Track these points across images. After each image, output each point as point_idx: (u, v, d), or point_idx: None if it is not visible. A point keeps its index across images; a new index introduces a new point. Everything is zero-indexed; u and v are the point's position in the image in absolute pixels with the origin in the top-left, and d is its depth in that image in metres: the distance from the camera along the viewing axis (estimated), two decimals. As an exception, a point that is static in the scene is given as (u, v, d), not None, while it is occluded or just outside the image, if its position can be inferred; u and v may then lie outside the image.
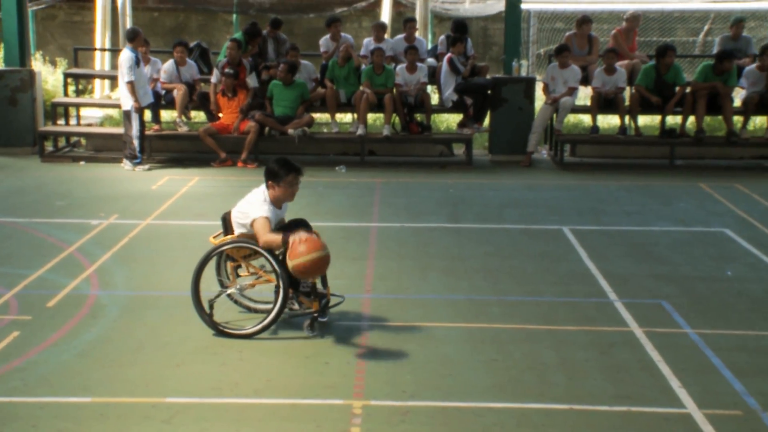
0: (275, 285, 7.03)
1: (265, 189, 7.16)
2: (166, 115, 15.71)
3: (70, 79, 16.64)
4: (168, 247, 9.68)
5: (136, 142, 13.64)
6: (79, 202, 11.68)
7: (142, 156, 13.78)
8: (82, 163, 14.38)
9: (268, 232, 6.93)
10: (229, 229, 7.28)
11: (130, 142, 13.66)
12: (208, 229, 10.26)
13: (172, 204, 11.58)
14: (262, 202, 7.06)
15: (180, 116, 14.55)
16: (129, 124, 13.60)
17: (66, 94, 16.47)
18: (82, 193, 12.21)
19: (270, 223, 6.97)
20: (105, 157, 14.55)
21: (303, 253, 6.74)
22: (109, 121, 17.24)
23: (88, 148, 15.41)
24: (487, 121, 15.20)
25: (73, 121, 16.15)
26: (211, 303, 7.11)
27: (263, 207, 7.02)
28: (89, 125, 16.69)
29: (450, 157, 15.08)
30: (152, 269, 8.88)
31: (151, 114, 14.63)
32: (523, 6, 16.86)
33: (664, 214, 11.28)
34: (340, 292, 7.55)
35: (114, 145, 14.72)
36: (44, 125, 15.45)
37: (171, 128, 14.94)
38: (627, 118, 14.66)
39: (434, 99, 15.73)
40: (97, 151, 15.11)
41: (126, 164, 13.78)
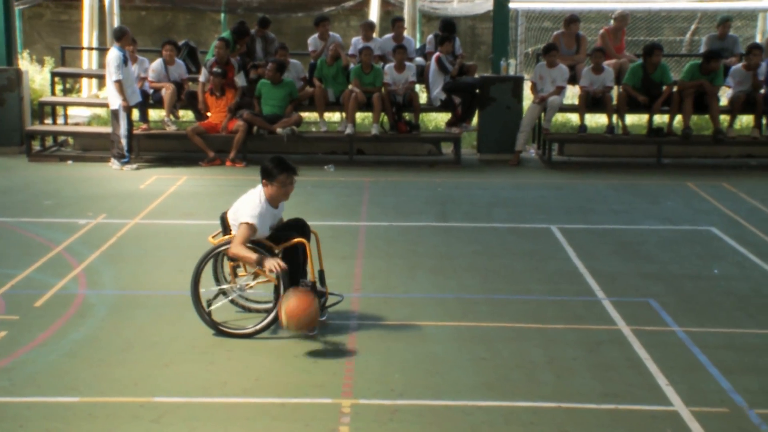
0: (274, 285, 7.02)
1: (260, 188, 7.13)
2: (154, 114, 15.68)
3: (57, 78, 16.57)
4: (156, 246, 9.65)
5: (124, 142, 13.60)
6: (67, 201, 11.64)
7: (130, 155, 13.74)
8: (70, 163, 14.33)
9: (244, 242, 6.84)
10: (227, 229, 7.21)
11: (118, 142, 13.61)
12: (197, 229, 10.28)
13: (161, 203, 11.55)
14: (257, 203, 6.98)
15: (168, 115, 14.52)
16: (117, 123, 13.55)
17: (53, 93, 16.41)
18: (70, 192, 12.17)
19: (254, 231, 6.88)
20: (93, 157, 14.51)
21: (300, 308, 6.61)
22: (97, 120, 17.20)
23: (75, 147, 15.36)
24: (475, 120, 15.22)
25: (61, 121, 16.10)
26: (209, 303, 7.10)
27: (255, 210, 6.93)
28: (77, 124, 16.66)
29: (438, 156, 15.09)
30: (140, 269, 8.85)
31: (139, 113, 14.58)
32: (511, 5, 16.88)
33: (652, 213, 11.31)
34: (337, 291, 7.56)
35: (102, 144, 14.68)
36: (31, 124, 15.39)
37: (159, 127, 14.91)
38: (614, 117, 14.70)
39: (422, 98, 15.73)
40: (85, 150, 15.06)
41: (114, 163, 13.74)
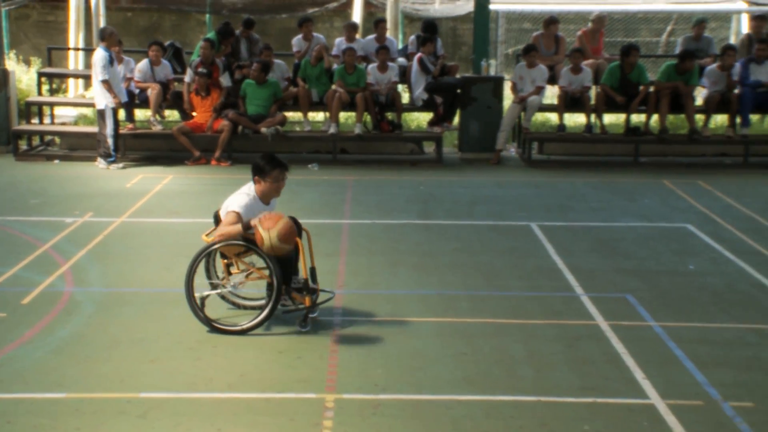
0: (267, 282, 7.02)
1: (251, 184, 7.14)
2: (140, 113, 15.62)
3: (44, 79, 16.47)
4: (142, 244, 9.63)
5: (110, 141, 13.55)
6: (54, 200, 11.59)
7: (116, 154, 13.69)
8: (57, 162, 14.26)
9: (229, 225, 6.90)
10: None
11: (105, 141, 13.56)
12: (183, 227, 10.28)
13: (147, 202, 11.52)
14: (245, 197, 7.03)
15: (154, 115, 14.47)
16: (103, 123, 13.50)
17: (40, 93, 16.31)
18: (57, 191, 12.11)
19: (240, 220, 6.92)
20: (79, 156, 14.45)
21: (275, 221, 6.75)
22: (83, 119, 17.13)
23: (62, 146, 15.29)
24: (456, 120, 15.25)
25: (47, 120, 16.00)
26: (202, 300, 7.09)
27: (243, 201, 6.98)
28: (63, 124, 16.58)
29: (420, 155, 15.11)
30: (127, 266, 8.83)
31: (125, 113, 14.54)
32: (492, 6, 16.89)
33: (629, 210, 11.36)
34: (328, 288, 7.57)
35: (88, 143, 14.62)
36: (18, 124, 15.32)
37: (145, 127, 14.87)
38: (593, 117, 14.76)
39: (405, 98, 15.73)
40: (72, 149, 15.00)
41: (100, 162, 13.69)
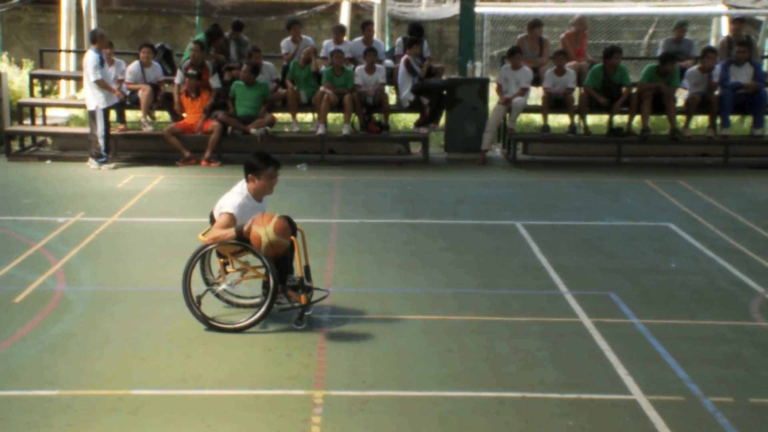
0: (263, 280, 7.01)
1: (244, 183, 7.13)
2: (131, 115, 15.56)
3: (36, 80, 16.40)
4: (133, 243, 9.60)
5: (101, 142, 13.50)
6: (46, 200, 11.54)
7: (107, 155, 13.64)
8: (49, 162, 14.20)
9: (222, 228, 6.88)
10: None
11: (96, 142, 13.52)
12: (173, 226, 10.26)
13: (137, 202, 11.49)
14: (239, 197, 7.02)
15: (145, 116, 14.43)
16: (94, 124, 13.46)
17: (32, 95, 16.23)
18: (49, 191, 12.06)
19: (234, 221, 6.91)
20: (71, 156, 14.39)
21: (269, 218, 6.77)
22: (75, 121, 17.05)
23: (54, 147, 15.23)
24: (442, 121, 15.25)
25: (39, 121, 15.94)
26: (199, 298, 7.07)
27: (236, 201, 6.97)
28: (55, 125, 16.50)
29: (407, 156, 15.11)
30: (118, 265, 8.80)
31: (116, 114, 14.49)
32: (477, 9, 16.90)
33: (612, 210, 11.39)
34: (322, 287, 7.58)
35: (80, 144, 14.56)
36: (11, 125, 15.25)
37: (136, 128, 14.81)
38: (576, 118, 14.78)
39: (392, 99, 15.73)
40: (63, 150, 14.94)
41: (92, 163, 13.64)
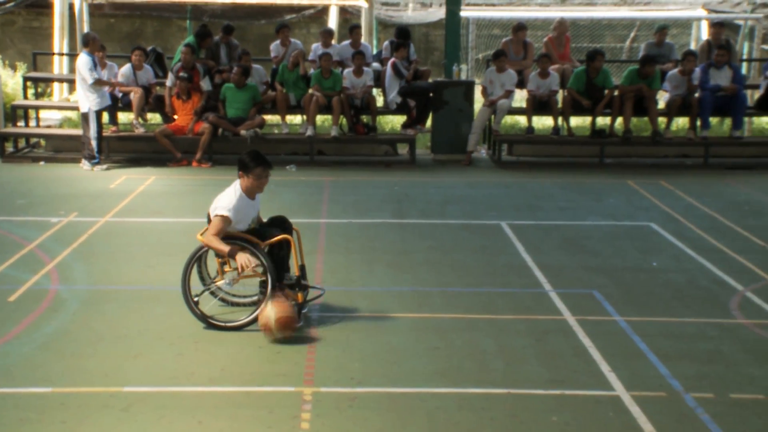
0: (261, 279, 6.99)
1: (238, 181, 7.13)
2: (124, 117, 15.50)
3: (29, 83, 16.35)
4: (126, 243, 9.57)
5: (94, 143, 13.45)
6: (40, 200, 11.49)
7: (100, 156, 13.59)
8: (42, 164, 14.14)
9: (218, 233, 6.85)
10: None
11: (89, 143, 13.47)
12: (165, 226, 10.23)
13: (130, 202, 11.45)
14: (232, 197, 7.00)
15: (137, 118, 14.39)
16: (87, 126, 13.40)
17: (26, 97, 16.17)
18: (42, 192, 12.01)
19: (228, 222, 6.89)
20: (64, 158, 14.32)
21: (284, 306, 6.74)
22: (68, 122, 16.99)
23: (47, 148, 15.16)
24: (429, 123, 15.26)
25: (33, 123, 15.88)
26: (197, 297, 7.06)
27: (230, 203, 6.94)
28: (49, 127, 16.45)
29: (394, 157, 15.10)
30: (111, 265, 8.77)
31: (109, 116, 14.43)
32: (463, 13, 16.92)
33: (595, 210, 11.41)
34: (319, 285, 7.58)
35: (73, 146, 14.49)
36: (4, 127, 15.19)
37: (128, 130, 14.75)
38: (560, 120, 14.80)
39: (379, 101, 15.72)
40: (57, 151, 14.86)
41: (85, 164, 13.59)
